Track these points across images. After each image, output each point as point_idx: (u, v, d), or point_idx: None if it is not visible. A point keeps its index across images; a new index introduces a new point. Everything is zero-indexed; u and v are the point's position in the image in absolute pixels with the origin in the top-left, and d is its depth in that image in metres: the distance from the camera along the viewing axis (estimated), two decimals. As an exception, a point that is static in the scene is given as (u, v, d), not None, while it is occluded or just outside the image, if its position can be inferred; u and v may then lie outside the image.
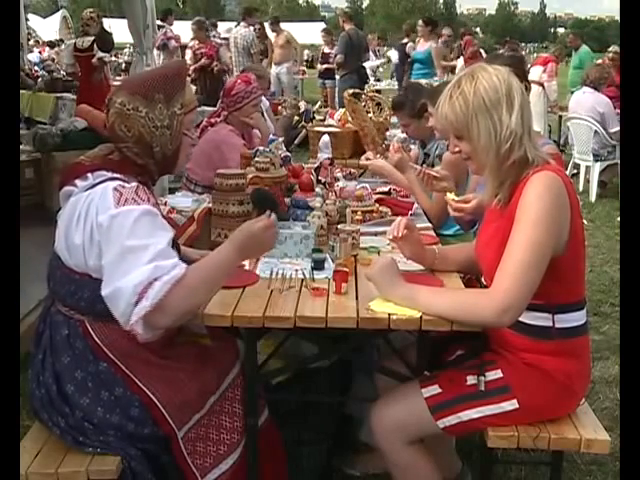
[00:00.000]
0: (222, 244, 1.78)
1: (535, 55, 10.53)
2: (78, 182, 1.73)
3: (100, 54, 7.08)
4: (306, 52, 13.41)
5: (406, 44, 10.97)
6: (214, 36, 10.03)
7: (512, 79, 1.76)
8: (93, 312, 1.72)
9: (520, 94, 1.75)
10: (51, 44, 16.64)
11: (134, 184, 1.70)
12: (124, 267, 1.59)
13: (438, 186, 2.58)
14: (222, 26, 11.96)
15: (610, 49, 9.18)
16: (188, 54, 9.48)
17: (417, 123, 3.36)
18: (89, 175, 1.73)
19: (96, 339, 1.73)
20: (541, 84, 8.61)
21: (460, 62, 10.32)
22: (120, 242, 1.61)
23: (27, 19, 13.11)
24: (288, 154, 3.23)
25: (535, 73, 8.74)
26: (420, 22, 9.85)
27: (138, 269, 1.58)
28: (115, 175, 1.71)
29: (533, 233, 1.66)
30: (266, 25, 11.30)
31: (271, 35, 11.18)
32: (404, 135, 4.00)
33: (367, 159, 3.43)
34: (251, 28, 9.50)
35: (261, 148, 2.93)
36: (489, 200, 1.85)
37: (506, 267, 1.68)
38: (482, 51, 10.83)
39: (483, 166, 1.80)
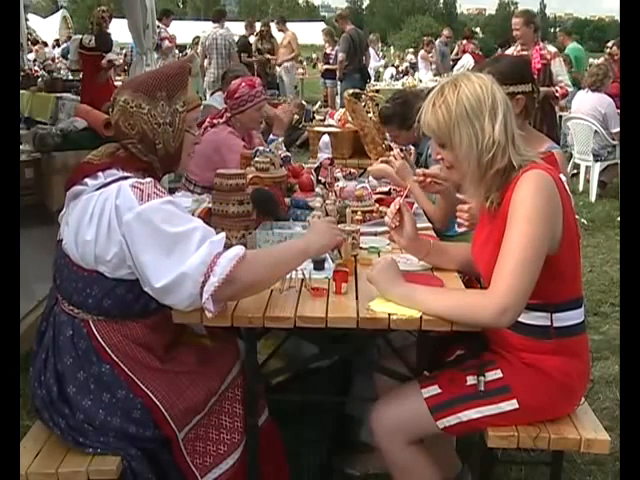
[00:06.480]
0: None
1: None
2: (88, 181, 1.74)
3: (112, 56, 7.04)
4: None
5: None
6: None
7: (495, 89, 1.75)
8: (99, 309, 1.72)
9: (504, 104, 1.74)
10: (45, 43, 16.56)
11: (149, 179, 1.72)
12: (177, 254, 1.62)
13: (435, 188, 2.56)
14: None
15: (608, 44, 9.13)
16: None
17: (406, 133, 3.34)
18: (100, 174, 1.74)
19: (100, 340, 1.73)
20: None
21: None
22: (161, 233, 1.62)
23: (27, 19, 13.09)
24: (288, 154, 3.23)
25: None
26: None
27: (195, 251, 1.62)
28: (126, 174, 1.72)
29: (527, 232, 1.66)
30: (271, 25, 11.33)
31: (277, 35, 11.18)
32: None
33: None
34: (227, 28, 9.39)
35: (261, 148, 2.92)
36: (478, 205, 1.86)
37: (502, 268, 1.68)
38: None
39: (464, 175, 1.80)
